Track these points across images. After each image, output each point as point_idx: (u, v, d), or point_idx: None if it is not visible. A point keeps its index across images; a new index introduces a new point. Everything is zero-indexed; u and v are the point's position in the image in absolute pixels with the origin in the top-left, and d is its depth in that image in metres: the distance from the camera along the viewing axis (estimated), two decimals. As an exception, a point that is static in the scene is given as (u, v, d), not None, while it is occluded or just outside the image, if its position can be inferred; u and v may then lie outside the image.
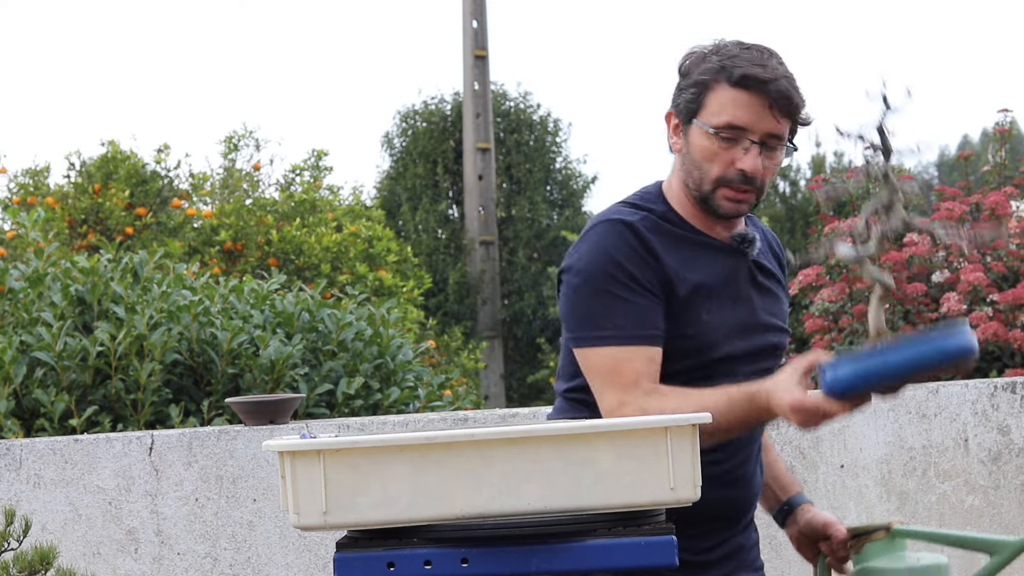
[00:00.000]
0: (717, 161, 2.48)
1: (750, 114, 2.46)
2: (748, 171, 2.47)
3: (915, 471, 4.40)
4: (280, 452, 1.97)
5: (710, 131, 2.48)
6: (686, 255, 2.51)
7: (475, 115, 18.04)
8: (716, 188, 2.50)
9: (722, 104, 2.48)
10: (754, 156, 2.47)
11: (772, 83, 2.46)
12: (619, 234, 2.47)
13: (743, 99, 2.47)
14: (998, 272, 6.26)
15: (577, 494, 1.96)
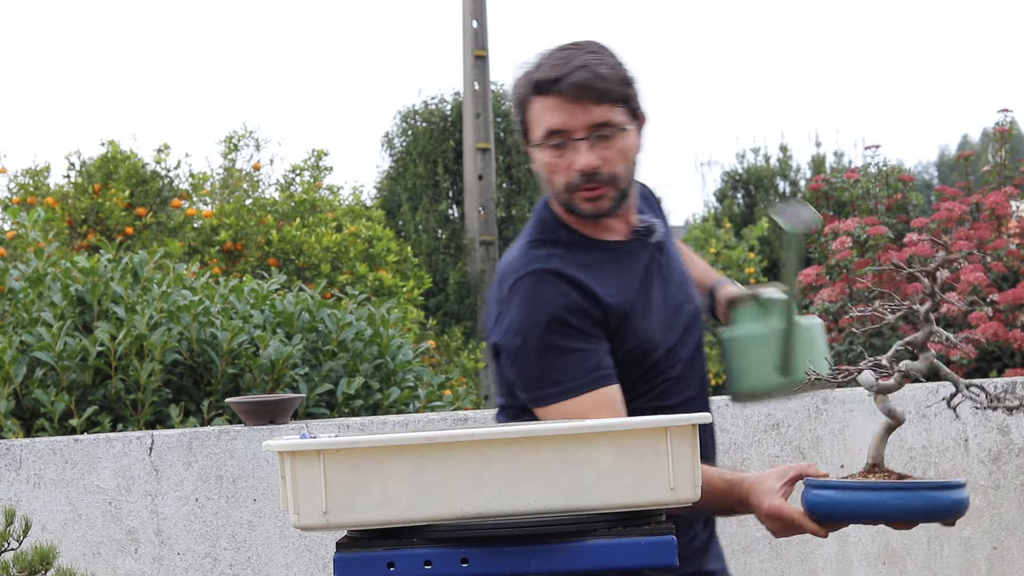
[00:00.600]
0: (558, 171, 2.49)
1: (561, 115, 2.47)
2: (584, 169, 2.47)
3: (915, 471, 4.40)
4: (280, 452, 1.97)
5: (539, 146, 2.50)
6: (605, 273, 2.51)
7: (475, 115, 18.04)
8: (570, 195, 2.50)
9: (537, 116, 2.50)
10: (584, 153, 2.47)
11: (565, 78, 2.46)
12: (549, 285, 2.46)
13: (549, 104, 2.48)
14: (998, 272, 6.26)
15: (577, 494, 1.96)
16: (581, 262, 2.51)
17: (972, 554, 4.43)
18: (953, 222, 6.50)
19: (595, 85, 2.46)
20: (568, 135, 2.47)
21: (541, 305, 2.44)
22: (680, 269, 2.65)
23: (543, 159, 2.51)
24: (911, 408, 4.42)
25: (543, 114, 2.49)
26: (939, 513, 2.16)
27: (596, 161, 2.47)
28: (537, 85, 2.49)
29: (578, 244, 2.54)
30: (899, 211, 6.89)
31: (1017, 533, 4.47)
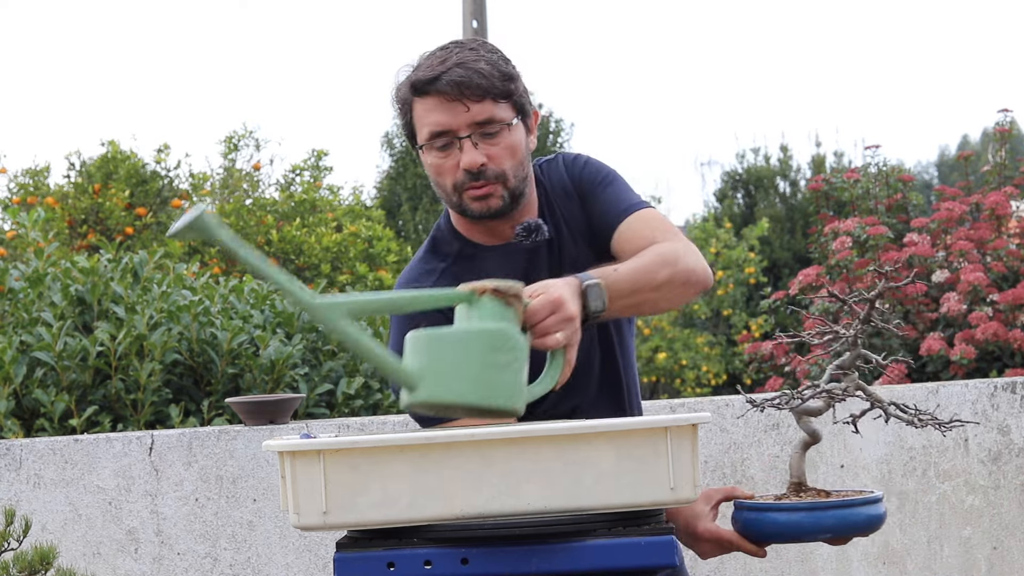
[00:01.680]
0: (446, 172, 2.47)
1: (442, 115, 2.43)
2: (469, 167, 2.44)
3: (915, 471, 4.40)
4: (280, 452, 1.97)
5: (424, 148, 2.47)
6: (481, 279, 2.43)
7: (475, 115, 18.05)
8: (459, 196, 2.47)
9: (419, 119, 2.47)
10: (469, 151, 2.43)
11: (442, 76, 2.42)
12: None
13: (429, 104, 2.44)
14: (998, 272, 6.26)
15: (577, 494, 1.96)
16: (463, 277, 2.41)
17: (972, 554, 4.43)
18: (953, 222, 6.50)
19: (474, 81, 2.42)
20: (452, 134, 2.44)
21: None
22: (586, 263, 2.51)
23: (429, 161, 2.48)
24: (911, 408, 4.42)
25: (425, 115, 2.46)
26: (855, 529, 2.21)
27: (481, 158, 2.44)
28: (415, 86, 2.45)
29: (466, 255, 2.54)
30: (899, 211, 6.90)
31: (1017, 533, 4.47)
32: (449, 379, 2.06)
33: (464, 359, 2.06)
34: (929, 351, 5.94)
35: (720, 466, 4.27)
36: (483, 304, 2.11)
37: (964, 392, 4.48)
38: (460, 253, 2.55)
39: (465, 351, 2.06)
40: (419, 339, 2.09)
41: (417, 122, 2.48)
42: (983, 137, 29.23)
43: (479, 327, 2.09)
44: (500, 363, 2.06)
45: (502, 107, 2.46)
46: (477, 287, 2.12)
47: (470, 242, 2.56)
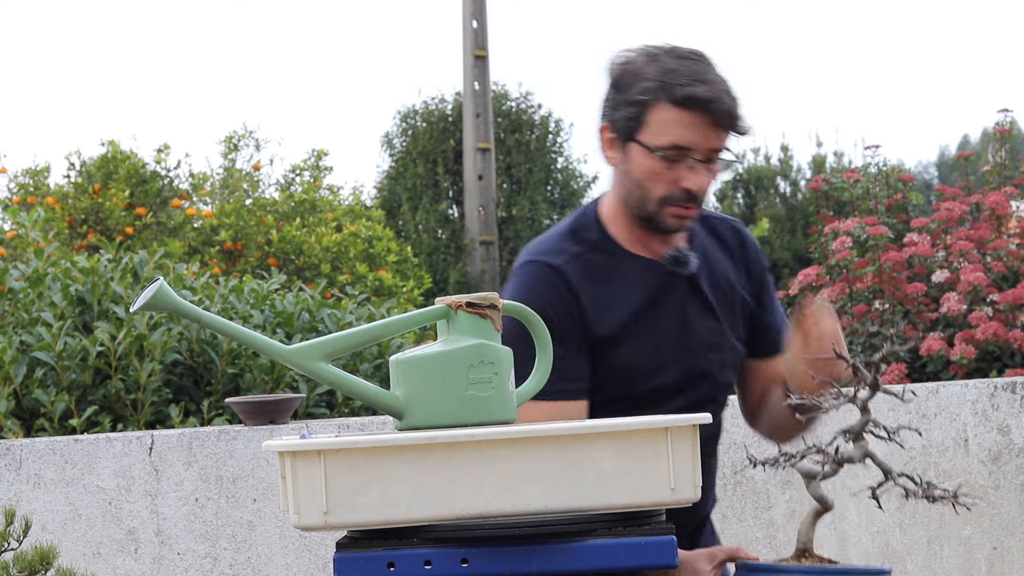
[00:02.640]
0: (660, 181, 2.43)
1: (694, 133, 2.40)
2: (694, 190, 2.42)
3: (915, 471, 4.40)
4: (280, 452, 1.97)
5: (653, 152, 2.42)
6: (614, 288, 2.47)
7: (475, 115, 18.04)
8: (661, 207, 2.44)
9: (665, 124, 2.41)
10: (700, 174, 2.42)
11: (715, 102, 2.40)
12: (544, 279, 2.45)
13: (686, 119, 2.40)
14: (998, 272, 6.26)
15: (578, 494, 1.96)
16: (594, 270, 2.46)
17: (972, 554, 4.43)
18: (953, 222, 6.50)
19: (736, 115, 2.42)
20: (690, 153, 2.41)
21: (530, 297, 2.40)
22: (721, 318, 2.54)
23: (648, 164, 2.43)
24: (911, 408, 4.43)
25: (675, 126, 2.40)
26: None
27: (705, 185, 2.43)
28: (686, 100, 2.39)
29: (605, 250, 2.50)
30: (899, 211, 6.90)
31: (1017, 533, 4.47)
32: (435, 403, 2.06)
33: (446, 381, 2.06)
34: (929, 351, 5.93)
35: (720, 466, 4.26)
36: (459, 319, 2.10)
37: (964, 392, 4.48)
38: (598, 246, 2.51)
39: (446, 372, 2.06)
40: (400, 365, 2.09)
41: (656, 123, 2.41)
42: (983, 137, 29.21)
43: (456, 346, 2.07)
44: (482, 378, 2.06)
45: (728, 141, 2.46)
46: (451, 302, 2.11)
47: (612, 239, 2.52)
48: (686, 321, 2.51)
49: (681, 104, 2.40)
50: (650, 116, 2.42)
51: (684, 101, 2.40)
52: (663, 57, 2.44)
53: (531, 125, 19.49)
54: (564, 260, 2.46)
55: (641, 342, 2.47)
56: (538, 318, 2.20)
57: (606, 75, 2.49)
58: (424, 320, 2.14)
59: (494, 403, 2.07)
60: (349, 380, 2.10)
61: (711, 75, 2.43)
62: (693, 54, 2.45)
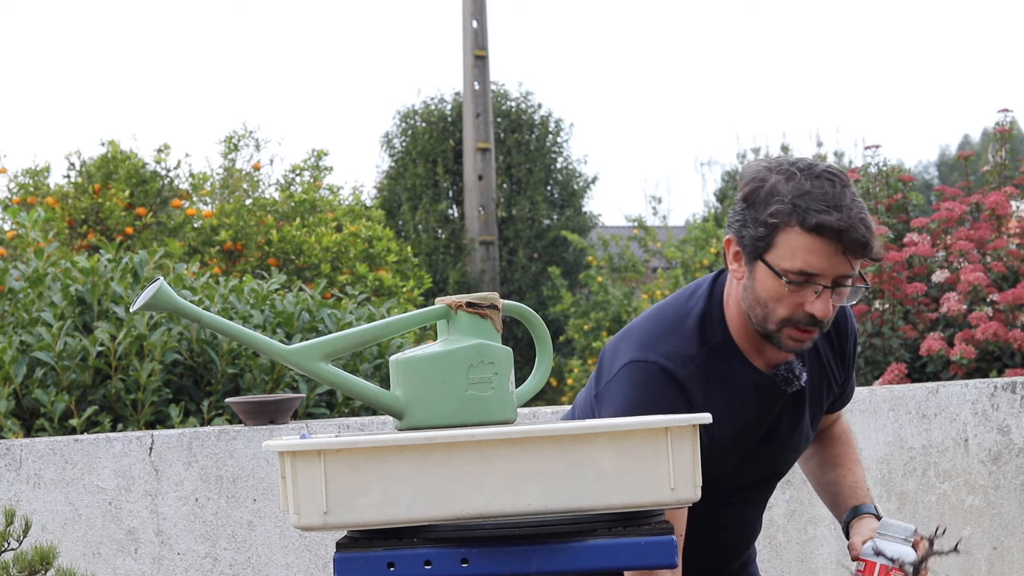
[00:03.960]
0: (785, 303, 2.38)
1: (824, 261, 2.36)
2: (819, 316, 2.38)
3: (915, 471, 4.40)
4: (280, 452, 1.97)
5: (781, 276, 2.37)
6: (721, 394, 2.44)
7: (475, 115, 18.04)
8: (781, 328, 2.40)
9: (794, 249, 2.36)
10: (825, 300, 2.37)
11: (848, 231, 2.34)
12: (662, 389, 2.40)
13: (817, 246, 2.35)
14: (998, 272, 6.26)
15: (578, 494, 1.96)
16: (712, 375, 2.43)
17: (972, 554, 4.43)
18: (953, 222, 6.51)
19: (871, 245, 2.37)
20: (818, 279, 2.37)
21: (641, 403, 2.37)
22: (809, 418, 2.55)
23: (774, 286, 2.38)
24: (911, 408, 4.43)
25: (806, 252, 2.35)
26: None
27: (830, 311, 2.39)
28: (818, 227, 2.34)
29: (725, 355, 2.46)
30: (899, 211, 6.90)
31: (1017, 533, 4.47)
32: (434, 403, 2.06)
33: (446, 381, 2.06)
34: (929, 351, 5.94)
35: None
36: (459, 319, 2.10)
37: (964, 392, 4.48)
38: (719, 349, 2.47)
39: (446, 372, 2.06)
40: (400, 365, 2.09)
41: (786, 246, 2.37)
42: (983, 137, 29.21)
43: (456, 346, 2.07)
44: (482, 378, 2.06)
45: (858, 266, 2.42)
46: (451, 302, 2.11)
47: (734, 344, 2.48)
48: (778, 429, 2.52)
49: (813, 231, 2.35)
50: (780, 238, 2.37)
51: (816, 228, 2.34)
52: (798, 176, 2.38)
53: (531, 125, 19.48)
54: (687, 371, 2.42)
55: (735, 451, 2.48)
56: (538, 318, 2.19)
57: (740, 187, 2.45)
58: (424, 320, 2.14)
59: (494, 403, 2.07)
60: (349, 380, 2.10)
61: (846, 200, 2.36)
62: (829, 174, 2.39)
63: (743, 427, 2.47)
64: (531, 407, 3.98)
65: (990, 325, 5.90)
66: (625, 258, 17.03)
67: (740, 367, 2.46)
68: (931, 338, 6.00)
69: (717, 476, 2.41)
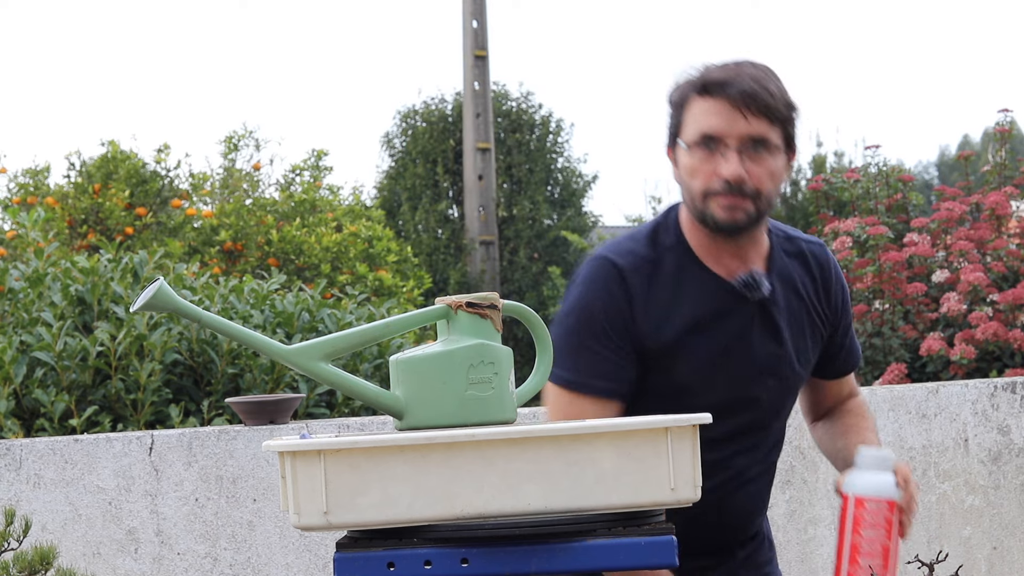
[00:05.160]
0: (700, 174, 2.43)
1: (721, 120, 2.41)
2: (729, 177, 2.40)
3: (915, 471, 4.40)
4: (280, 452, 1.97)
5: (687, 147, 2.43)
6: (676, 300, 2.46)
7: (475, 115, 18.04)
8: (706, 201, 2.43)
9: (695, 117, 2.43)
10: (733, 162, 2.40)
11: (733, 82, 2.41)
12: (605, 279, 2.45)
13: (711, 107, 2.42)
14: (998, 272, 6.26)
15: (578, 494, 1.96)
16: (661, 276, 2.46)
17: (972, 554, 4.43)
18: (953, 222, 6.51)
19: (761, 97, 2.41)
20: (721, 141, 2.41)
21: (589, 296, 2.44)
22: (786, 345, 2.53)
23: (687, 161, 2.44)
24: (911, 408, 4.43)
25: (702, 116, 2.42)
26: None
27: (742, 173, 2.40)
28: (704, 86, 2.42)
29: (677, 257, 2.48)
30: (899, 211, 6.90)
31: (1017, 533, 4.47)
32: (434, 403, 2.06)
33: (446, 381, 2.05)
34: (929, 351, 5.94)
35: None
36: (459, 319, 2.10)
37: (964, 392, 4.48)
38: (673, 250, 2.50)
39: (446, 372, 2.05)
40: (400, 365, 2.09)
41: (689, 120, 2.44)
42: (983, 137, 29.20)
43: (456, 346, 2.07)
44: (482, 378, 2.06)
45: (775, 131, 2.44)
46: (451, 302, 2.11)
47: (688, 246, 2.51)
48: (748, 345, 2.49)
49: (704, 93, 2.42)
50: (685, 115, 2.45)
51: (705, 88, 2.42)
52: (702, 66, 2.46)
53: (531, 125, 19.48)
54: (631, 262, 2.46)
55: (692, 359, 2.46)
56: (538, 318, 2.20)
57: None
58: (424, 320, 2.14)
59: (494, 403, 2.07)
60: (349, 380, 2.10)
61: (743, 66, 2.44)
62: (736, 60, 2.47)
63: (697, 328, 2.46)
64: (531, 407, 3.98)
65: (990, 325, 5.90)
66: (625, 258, 16.98)
67: (693, 268, 2.49)
68: (931, 338, 6.00)
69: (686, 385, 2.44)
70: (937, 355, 5.96)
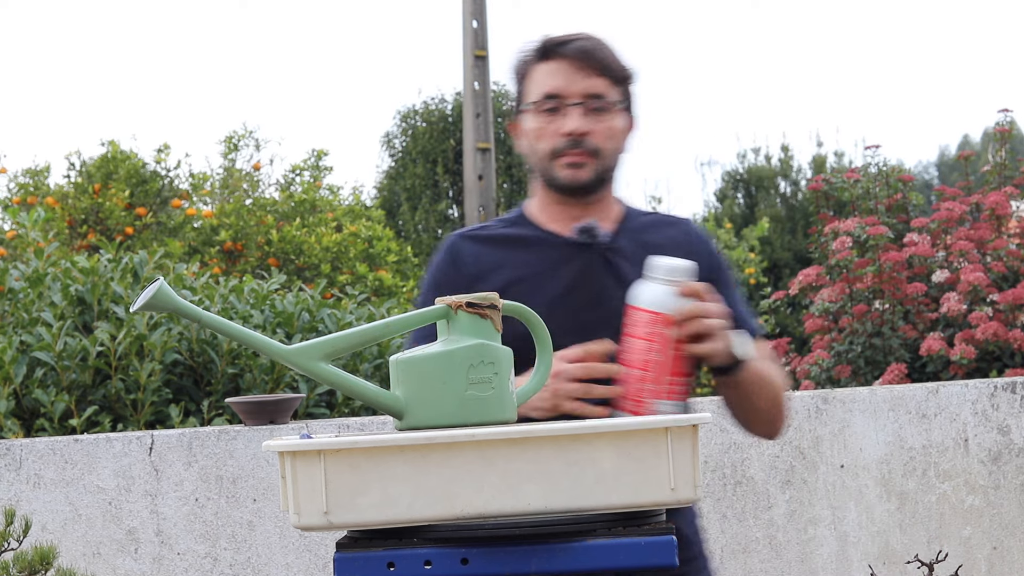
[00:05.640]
0: (546, 136, 2.53)
1: (559, 78, 2.52)
2: (572, 131, 2.51)
3: (915, 471, 4.40)
4: (280, 452, 1.97)
5: (530, 110, 2.54)
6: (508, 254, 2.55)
7: (475, 115, 18.02)
8: (552, 162, 2.54)
9: (536, 81, 2.54)
10: (574, 116, 2.51)
11: (571, 43, 2.52)
12: (444, 250, 2.60)
13: (550, 68, 2.53)
14: (998, 272, 6.26)
15: (578, 494, 1.96)
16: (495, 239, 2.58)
17: (972, 554, 4.43)
18: (953, 222, 6.51)
19: (598, 55, 2.53)
20: (563, 100, 2.52)
21: (430, 268, 2.59)
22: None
23: (532, 125, 2.56)
24: (911, 408, 4.43)
25: (543, 78, 2.54)
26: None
27: (585, 127, 2.51)
28: (542, 49, 2.54)
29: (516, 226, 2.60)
30: (899, 211, 6.90)
31: (1017, 533, 4.47)
32: (434, 403, 2.06)
33: (445, 381, 2.05)
34: (929, 351, 5.93)
35: (720, 466, 4.27)
36: (459, 319, 2.10)
37: (964, 392, 4.48)
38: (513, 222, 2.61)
39: (446, 372, 2.05)
40: (400, 365, 2.09)
41: (531, 84, 2.56)
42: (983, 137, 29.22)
43: (455, 347, 2.07)
44: (482, 379, 2.07)
45: (615, 91, 2.55)
46: (452, 302, 2.11)
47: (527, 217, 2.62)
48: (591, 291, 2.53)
49: (542, 56, 2.55)
50: (526, 84, 2.58)
51: (543, 52, 2.55)
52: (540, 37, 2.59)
53: (531, 125, 19.47)
54: (468, 232, 2.59)
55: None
56: (537, 318, 2.20)
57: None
58: (424, 320, 2.14)
59: (494, 403, 2.07)
60: (349, 380, 2.10)
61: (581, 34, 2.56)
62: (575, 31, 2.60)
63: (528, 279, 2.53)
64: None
65: (990, 325, 5.90)
66: (625, 258, 16.98)
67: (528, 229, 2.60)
68: (931, 338, 6.00)
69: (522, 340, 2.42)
70: (937, 355, 5.96)
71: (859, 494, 4.35)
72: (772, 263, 18.34)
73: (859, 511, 4.35)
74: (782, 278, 17.49)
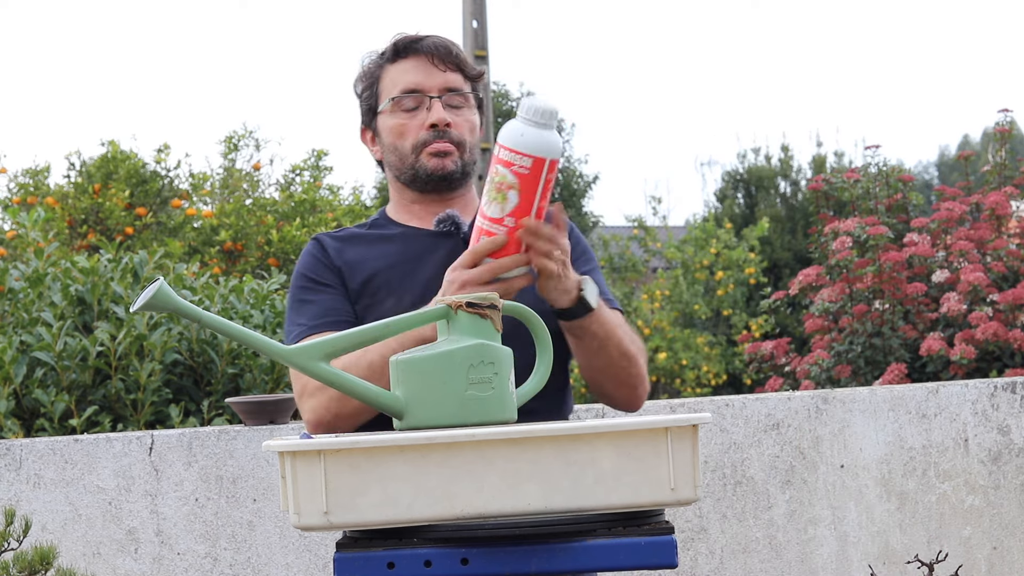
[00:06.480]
0: (408, 133, 2.58)
1: (419, 74, 2.58)
2: (438, 121, 2.56)
3: (915, 471, 4.40)
4: (280, 452, 1.97)
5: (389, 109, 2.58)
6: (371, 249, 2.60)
7: (475, 115, 18.04)
8: (416, 156, 2.58)
9: (392, 80, 2.60)
10: (438, 108, 2.56)
11: (424, 40, 2.60)
12: (307, 250, 2.64)
13: (406, 65, 2.59)
14: (998, 272, 6.26)
15: (577, 494, 1.96)
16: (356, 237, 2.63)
17: (972, 554, 4.43)
18: (953, 222, 6.51)
19: (452, 51, 2.60)
20: (423, 94, 2.57)
21: (297, 266, 2.63)
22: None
23: (392, 123, 2.59)
24: (911, 408, 4.43)
25: (399, 75, 2.59)
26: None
27: (447, 117, 2.56)
28: (395, 51, 2.60)
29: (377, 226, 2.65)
30: (899, 211, 6.90)
31: (1017, 533, 4.48)
32: (434, 403, 2.06)
33: (446, 381, 2.06)
34: (929, 351, 5.94)
35: (720, 466, 4.27)
36: (459, 319, 2.10)
37: (964, 392, 4.48)
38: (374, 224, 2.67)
39: (446, 372, 2.06)
40: (400, 365, 2.09)
41: (386, 85, 2.61)
42: (983, 137, 29.22)
43: (455, 347, 2.07)
44: (482, 378, 2.07)
45: (468, 86, 2.62)
46: (452, 302, 2.12)
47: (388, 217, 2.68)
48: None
49: (397, 56, 2.61)
50: (380, 87, 2.62)
51: (397, 53, 2.61)
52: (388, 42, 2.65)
53: (531, 125, 19.46)
54: (329, 232, 2.66)
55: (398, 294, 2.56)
56: (537, 318, 2.20)
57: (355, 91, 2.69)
58: (424, 320, 2.14)
59: (494, 403, 2.07)
60: (349, 380, 2.10)
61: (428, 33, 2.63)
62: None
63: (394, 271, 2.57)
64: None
65: (990, 325, 5.90)
66: (625, 258, 17.04)
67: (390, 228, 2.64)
68: (931, 338, 6.00)
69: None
70: (937, 355, 5.96)
71: (859, 494, 4.35)
72: (772, 263, 18.34)
73: (859, 511, 4.35)
74: (782, 278, 17.50)
